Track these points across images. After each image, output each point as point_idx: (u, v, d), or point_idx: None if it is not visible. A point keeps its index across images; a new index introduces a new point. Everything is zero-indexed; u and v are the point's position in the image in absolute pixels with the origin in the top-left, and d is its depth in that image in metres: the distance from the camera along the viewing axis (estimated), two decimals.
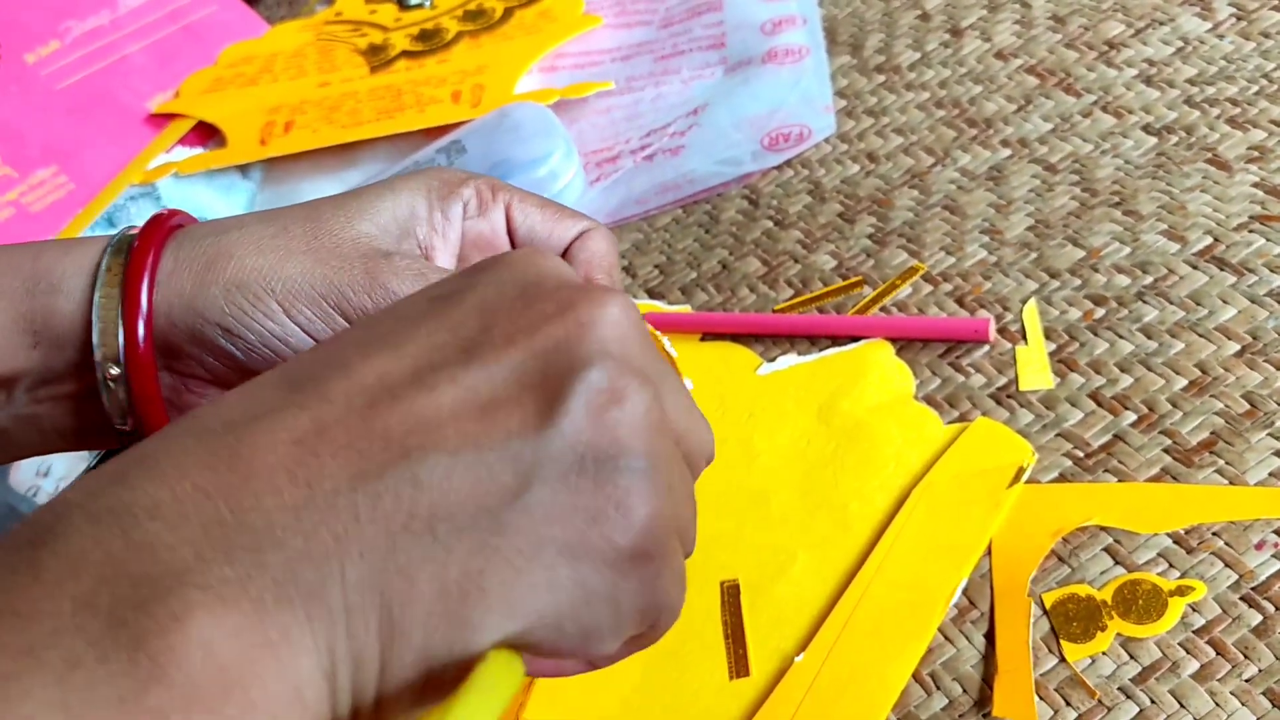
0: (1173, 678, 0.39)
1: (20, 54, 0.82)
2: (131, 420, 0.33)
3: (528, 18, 0.81)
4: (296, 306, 0.32)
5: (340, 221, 0.34)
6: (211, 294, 0.32)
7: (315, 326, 0.32)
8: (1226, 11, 0.60)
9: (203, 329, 0.32)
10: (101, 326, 0.32)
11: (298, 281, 0.32)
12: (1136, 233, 0.52)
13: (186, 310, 0.32)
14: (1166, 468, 0.44)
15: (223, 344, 0.32)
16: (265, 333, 0.32)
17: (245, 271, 0.32)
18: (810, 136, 0.65)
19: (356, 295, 0.32)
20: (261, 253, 0.33)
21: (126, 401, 0.33)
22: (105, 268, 0.33)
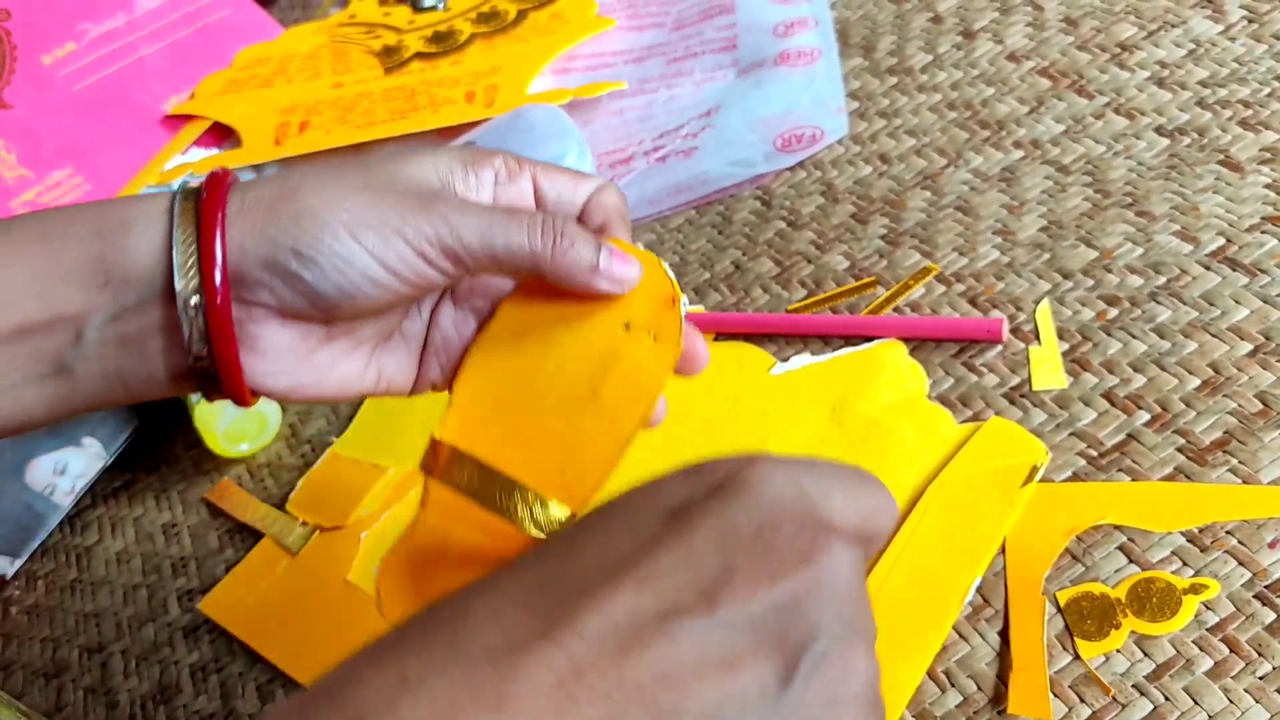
0: (1187, 675, 0.39)
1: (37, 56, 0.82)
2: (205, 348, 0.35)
3: (541, 19, 0.82)
4: (361, 231, 0.35)
5: (390, 168, 0.37)
6: (282, 222, 0.35)
7: (378, 250, 0.35)
8: (1238, 14, 0.60)
9: (275, 254, 0.35)
10: (182, 259, 0.34)
11: (361, 211, 0.35)
12: (1149, 233, 0.53)
13: (259, 239, 0.35)
14: (1180, 467, 0.45)
15: (294, 267, 0.35)
16: (333, 254, 0.35)
17: (312, 203, 0.35)
18: (823, 138, 0.66)
19: (415, 221, 0.35)
20: (324, 190, 0.36)
21: (204, 329, 0.35)
22: (178, 210, 0.35)
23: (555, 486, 0.37)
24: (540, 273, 0.37)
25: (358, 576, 0.56)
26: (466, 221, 0.36)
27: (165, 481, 0.69)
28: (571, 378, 0.39)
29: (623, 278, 0.38)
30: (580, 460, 0.38)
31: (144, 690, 0.58)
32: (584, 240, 0.37)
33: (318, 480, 0.62)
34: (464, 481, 0.38)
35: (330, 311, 0.36)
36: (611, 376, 0.38)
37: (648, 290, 0.39)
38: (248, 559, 0.60)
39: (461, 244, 0.36)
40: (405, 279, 0.36)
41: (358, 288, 0.35)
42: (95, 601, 0.64)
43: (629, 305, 0.39)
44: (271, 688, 0.54)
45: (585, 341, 0.39)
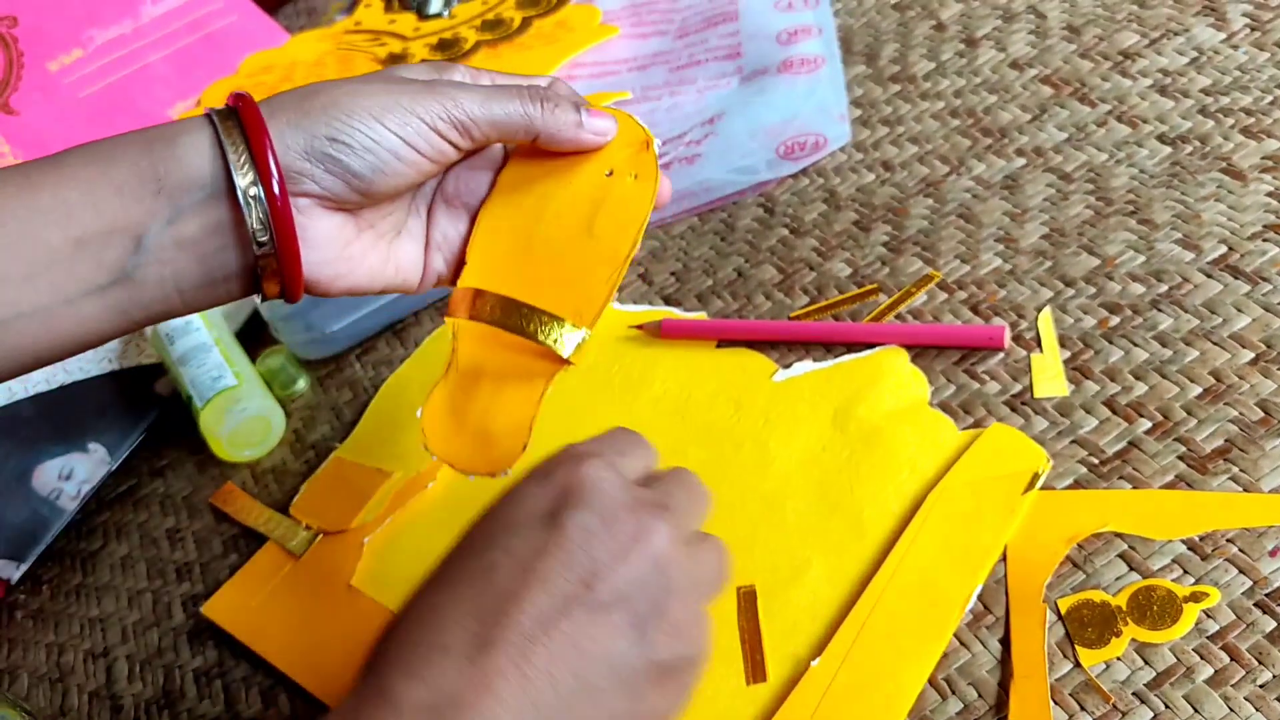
0: (1187, 683, 0.39)
1: (44, 62, 0.83)
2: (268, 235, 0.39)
3: (545, 27, 0.82)
4: (383, 115, 0.40)
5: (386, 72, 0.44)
6: (314, 115, 0.40)
7: (400, 128, 0.41)
8: (1241, 22, 0.60)
9: (313, 142, 0.40)
10: (236, 157, 0.39)
11: (379, 97, 0.41)
12: (1151, 241, 0.53)
13: (297, 131, 0.40)
14: (1181, 474, 0.45)
15: (331, 151, 0.40)
16: (363, 135, 0.40)
17: (337, 96, 0.40)
18: (826, 145, 0.66)
19: (426, 101, 0.41)
20: (344, 85, 0.41)
21: (265, 217, 0.39)
22: (219, 120, 0.39)
23: (568, 310, 0.44)
24: (534, 133, 0.44)
25: (360, 581, 0.56)
26: (469, 96, 0.42)
27: (170, 487, 0.69)
28: (568, 221, 0.45)
29: (603, 129, 0.45)
30: (585, 286, 0.44)
31: (148, 695, 0.58)
32: (566, 102, 0.44)
33: (321, 485, 0.62)
34: (488, 313, 0.44)
35: (364, 191, 0.41)
36: (602, 214, 0.45)
37: (624, 140, 0.46)
38: (251, 563, 0.60)
39: (467, 115, 0.42)
40: (425, 153, 0.42)
41: (386, 163, 0.41)
42: (100, 606, 0.64)
43: (609, 155, 0.46)
44: (275, 692, 0.54)
45: (576, 190, 0.46)
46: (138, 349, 0.74)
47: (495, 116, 0.43)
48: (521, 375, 0.44)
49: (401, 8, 0.91)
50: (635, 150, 0.46)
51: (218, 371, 0.66)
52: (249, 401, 0.65)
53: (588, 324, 0.43)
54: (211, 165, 0.39)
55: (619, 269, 0.44)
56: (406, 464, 0.60)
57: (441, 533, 0.57)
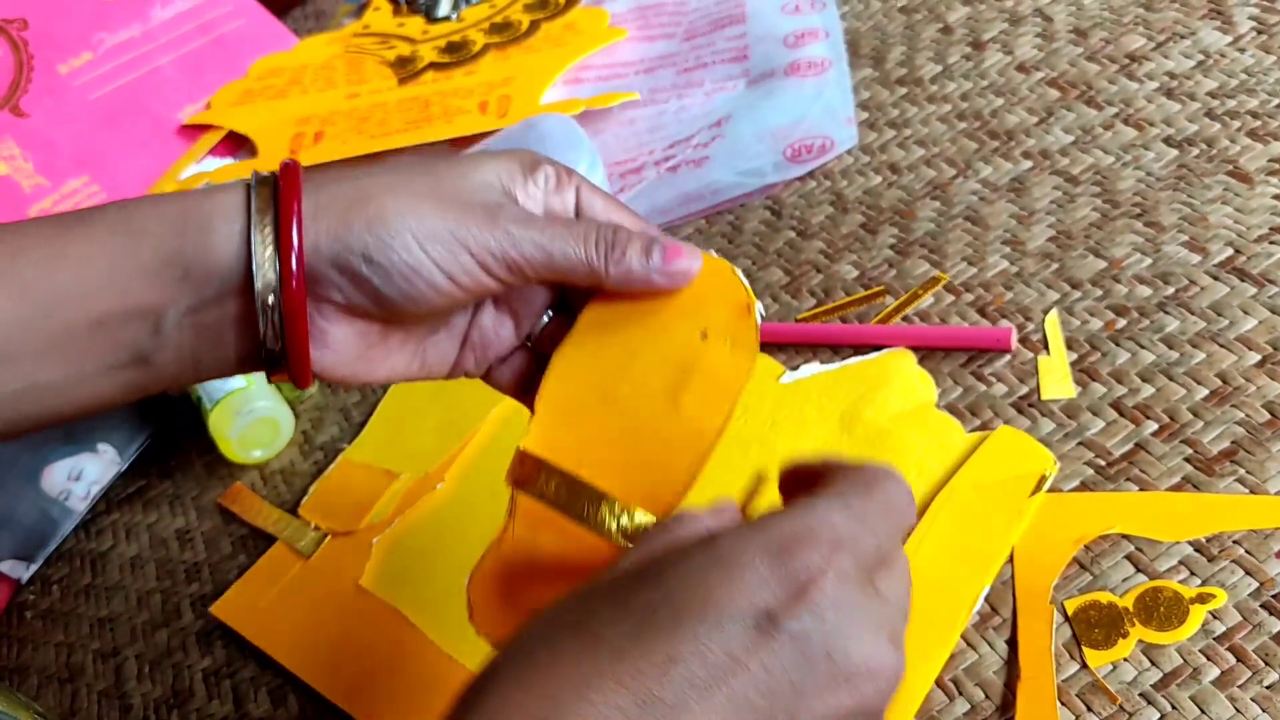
0: (1194, 684, 0.39)
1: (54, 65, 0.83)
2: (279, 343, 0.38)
3: (554, 30, 0.82)
4: (428, 242, 0.37)
5: (456, 175, 0.39)
6: (356, 229, 0.37)
7: (445, 261, 0.37)
8: (1247, 25, 0.60)
9: (348, 258, 0.37)
10: (261, 261, 0.36)
11: (429, 222, 0.37)
12: (1158, 244, 0.53)
13: (334, 241, 0.37)
14: (1188, 476, 0.45)
15: (364, 271, 0.37)
16: (401, 262, 0.37)
17: (384, 211, 0.37)
18: (833, 148, 0.66)
19: (481, 235, 0.37)
20: (396, 197, 0.37)
21: (278, 324, 0.37)
22: (255, 208, 0.37)
23: (641, 495, 0.38)
24: (596, 281, 0.39)
25: (369, 581, 0.56)
26: (527, 235, 0.38)
27: (179, 487, 0.69)
28: (652, 387, 0.40)
29: (678, 271, 0.40)
30: (664, 470, 0.39)
31: (157, 695, 0.58)
32: (636, 243, 0.39)
33: (330, 485, 0.63)
34: (551, 493, 0.39)
35: (392, 312, 0.38)
36: (691, 385, 0.39)
37: (722, 297, 0.40)
38: (260, 563, 0.60)
39: (522, 256, 0.38)
40: (466, 287, 0.38)
41: (421, 293, 0.38)
42: (109, 606, 0.65)
43: (705, 313, 0.40)
44: (283, 692, 0.54)
45: (664, 351, 0.40)
46: None
47: (554, 260, 0.38)
48: (583, 555, 0.39)
49: (410, 11, 0.92)
50: (734, 312, 0.40)
51: None
52: (258, 403, 0.66)
53: (660, 513, 0.38)
54: (237, 260, 0.37)
55: (703, 456, 0.39)
56: (415, 465, 0.60)
57: (450, 534, 0.57)
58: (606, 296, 0.41)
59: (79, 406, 0.38)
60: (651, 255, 0.39)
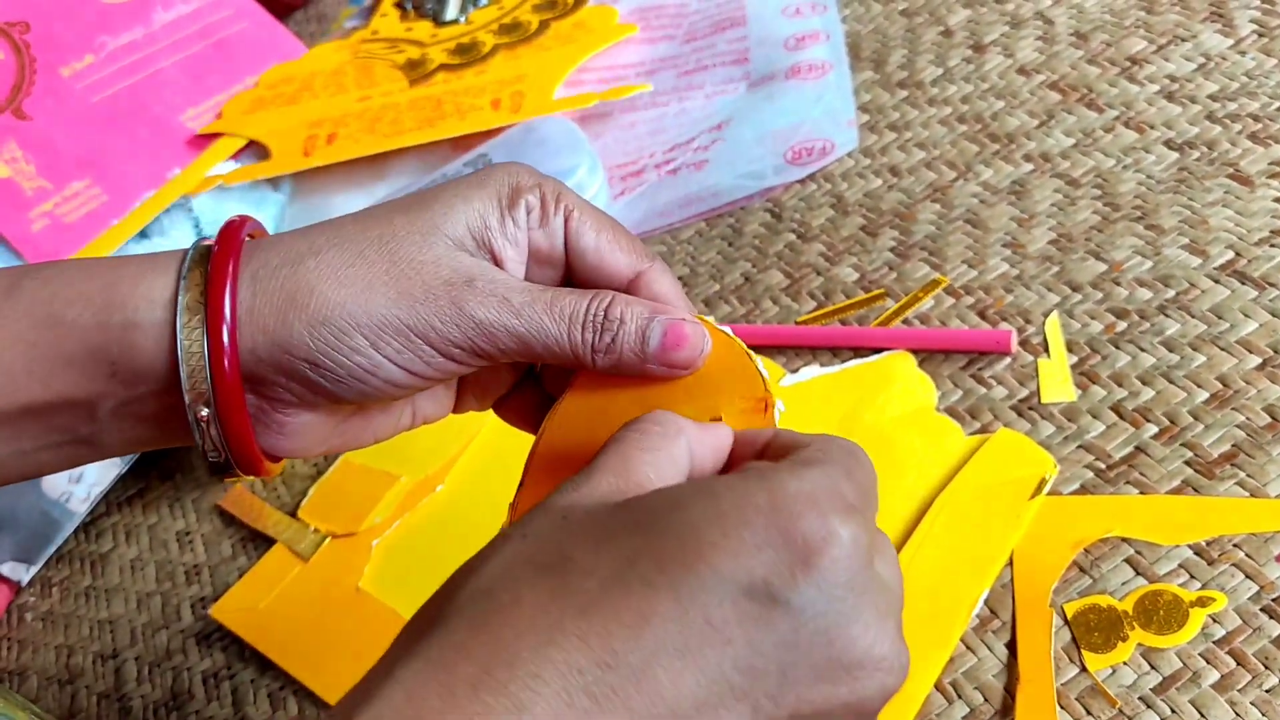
0: (1193, 688, 0.39)
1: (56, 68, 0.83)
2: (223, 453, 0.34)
3: (563, 29, 0.82)
4: (383, 339, 0.33)
5: (416, 244, 0.33)
6: (296, 331, 0.32)
7: (403, 357, 0.33)
8: (1248, 28, 0.60)
9: (291, 363, 0.33)
10: (189, 370, 0.32)
11: (383, 315, 0.32)
12: (1158, 247, 0.53)
13: (272, 347, 0.33)
14: (1188, 480, 0.45)
15: (310, 376, 0.33)
16: (353, 365, 0.33)
17: (328, 307, 0.32)
18: (833, 151, 0.66)
19: (443, 326, 0.33)
20: (342, 285, 0.33)
21: (219, 436, 0.33)
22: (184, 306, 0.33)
23: None
24: (584, 366, 0.35)
25: (369, 584, 0.56)
26: (500, 321, 0.33)
27: (179, 489, 0.69)
28: None
29: (679, 363, 0.35)
30: None
31: (157, 697, 0.58)
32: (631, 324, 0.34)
33: (330, 487, 0.63)
34: None
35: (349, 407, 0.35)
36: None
37: (737, 385, 0.36)
38: (259, 565, 0.60)
39: (493, 345, 0.34)
40: (430, 378, 0.34)
41: (379, 389, 0.34)
42: (109, 608, 0.65)
43: (715, 398, 0.35)
44: (283, 694, 0.54)
45: None
46: None
47: (532, 348, 0.34)
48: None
49: (417, 16, 0.92)
50: (749, 407, 0.35)
51: None
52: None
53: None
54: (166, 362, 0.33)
55: None
56: (415, 467, 0.60)
57: (450, 536, 0.57)
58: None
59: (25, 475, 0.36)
60: (649, 340, 0.34)
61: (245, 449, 0.34)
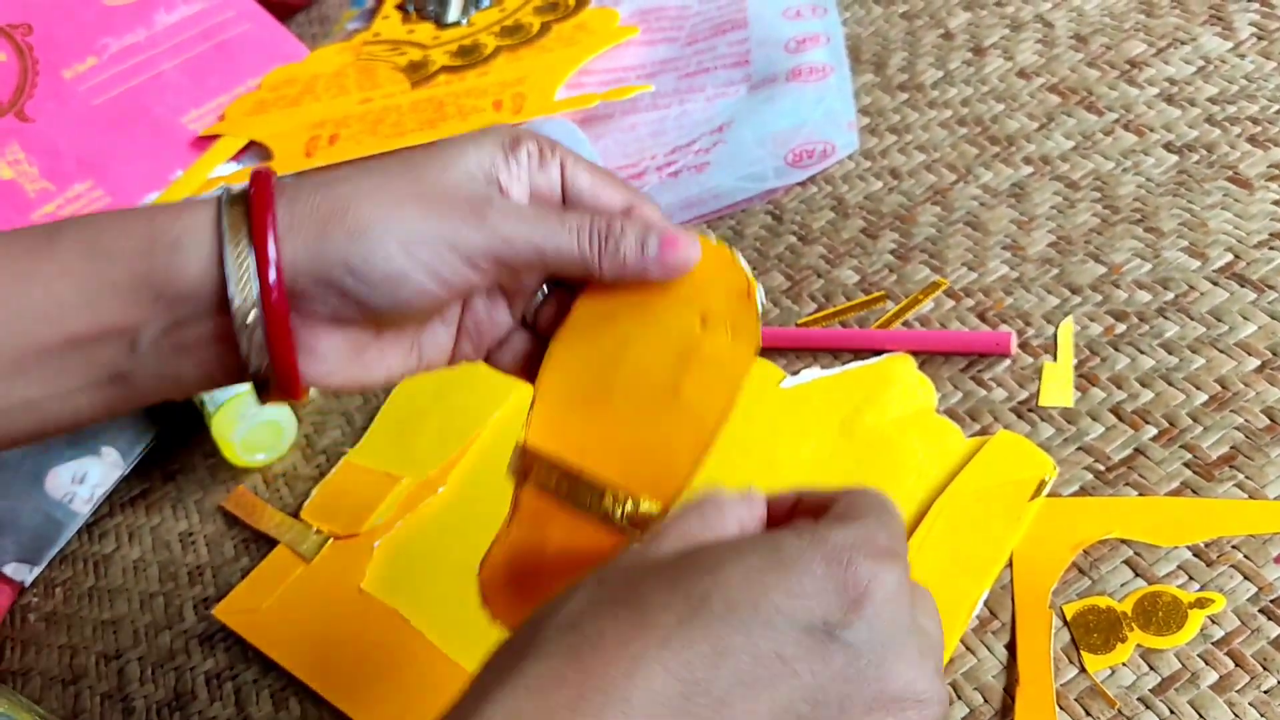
0: (1192, 689, 0.39)
1: (58, 70, 0.84)
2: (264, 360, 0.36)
3: (565, 31, 0.82)
4: (415, 246, 0.35)
5: (436, 169, 0.37)
6: (336, 241, 0.35)
7: (432, 263, 0.36)
8: (1247, 31, 0.61)
9: (329, 272, 0.35)
10: (238, 279, 0.35)
11: (414, 226, 0.36)
12: (1158, 249, 0.53)
13: (313, 258, 0.35)
14: (1187, 481, 0.45)
15: (349, 284, 0.35)
16: (387, 270, 0.35)
17: (364, 220, 0.35)
18: (834, 153, 0.66)
19: (469, 235, 0.36)
20: (375, 203, 0.36)
21: (262, 344, 0.36)
22: (227, 225, 0.35)
23: (644, 485, 0.38)
24: (590, 275, 0.38)
25: (371, 584, 0.56)
26: (517, 231, 0.37)
27: (182, 491, 0.69)
28: (652, 376, 0.39)
29: (676, 263, 0.38)
30: (666, 459, 0.38)
31: (160, 697, 0.58)
32: (632, 235, 0.38)
33: (332, 489, 0.63)
34: (553, 485, 0.39)
35: (382, 318, 0.37)
36: (691, 373, 0.39)
37: (722, 283, 0.39)
38: (262, 566, 0.60)
39: (513, 252, 0.37)
40: (456, 287, 0.37)
41: (410, 298, 0.36)
42: (112, 609, 0.65)
43: (704, 298, 0.39)
44: (285, 695, 0.55)
45: (662, 339, 0.39)
46: None
47: (546, 254, 0.37)
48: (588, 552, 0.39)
49: (419, 18, 0.92)
50: (734, 298, 0.39)
51: None
52: (261, 406, 0.66)
53: (666, 502, 0.38)
54: (211, 280, 0.35)
55: (706, 444, 0.38)
56: (417, 468, 0.61)
57: (452, 537, 0.57)
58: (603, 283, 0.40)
59: (60, 423, 0.37)
60: (647, 247, 0.38)
61: (286, 358, 0.36)
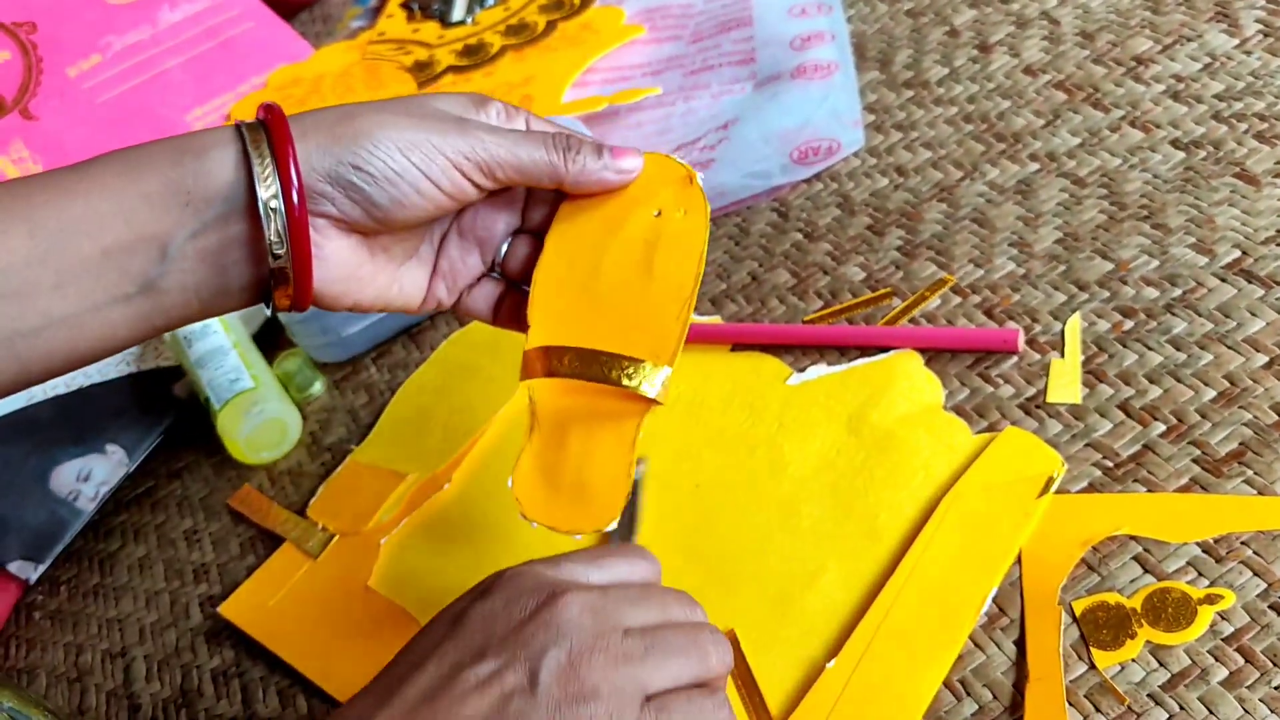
0: (1202, 685, 0.39)
1: (63, 68, 0.84)
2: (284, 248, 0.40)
3: (570, 30, 0.82)
4: (410, 150, 0.41)
5: (422, 99, 0.44)
6: (343, 141, 0.41)
7: (424, 164, 0.41)
8: (1254, 28, 0.60)
9: (337, 168, 0.41)
10: (261, 171, 0.39)
11: (409, 133, 0.41)
12: (1165, 246, 0.53)
13: (325, 155, 0.40)
14: (1195, 478, 0.45)
15: (355, 179, 0.41)
16: (387, 169, 0.41)
17: (367, 126, 0.41)
18: (839, 150, 0.66)
19: (455, 143, 0.42)
20: (376, 115, 0.42)
21: (283, 231, 0.40)
22: (249, 135, 0.40)
23: (644, 351, 0.43)
24: (558, 180, 0.44)
25: (377, 582, 0.56)
26: (495, 140, 0.43)
27: (187, 489, 0.69)
28: (626, 267, 0.45)
29: (629, 167, 0.46)
30: (657, 325, 0.44)
31: (165, 694, 0.58)
32: (589, 147, 0.45)
33: (338, 486, 0.63)
34: (566, 367, 0.44)
35: (381, 220, 0.42)
36: (659, 254, 0.45)
37: (665, 178, 0.46)
38: (268, 563, 0.60)
39: (493, 159, 0.42)
40: (446, 191, 0.42)
41: (406, 196, 0.42)
42: (117, 607, 0.65)
43: (653, 196, 0.46)
44: (292, 692, 0.54)
45: (628, 236, 0.45)
46: (156, 352, 0.74)
47: (520, 162, 0.43)
48: (610, 422, 0.44)
49: (424, 17, 0.92)
50: (679, 187, 0.46)
51: (235, 374, 0.67)
52: (266, 404, 0.66)
53: (667, 361, 0.43)
54: (237, 179, 0.40)
55: (687, 302, 0.44)
56: (422, 466, 0.61)
57: (457, 534, 0.57)
58: (567, 210, 0.46)
59: (93, 344, 0.40)
60: (604, 153, 0.45)
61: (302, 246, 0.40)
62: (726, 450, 0.54)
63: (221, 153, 0.40)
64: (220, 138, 0.40)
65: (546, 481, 0.44)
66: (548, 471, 0.44)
